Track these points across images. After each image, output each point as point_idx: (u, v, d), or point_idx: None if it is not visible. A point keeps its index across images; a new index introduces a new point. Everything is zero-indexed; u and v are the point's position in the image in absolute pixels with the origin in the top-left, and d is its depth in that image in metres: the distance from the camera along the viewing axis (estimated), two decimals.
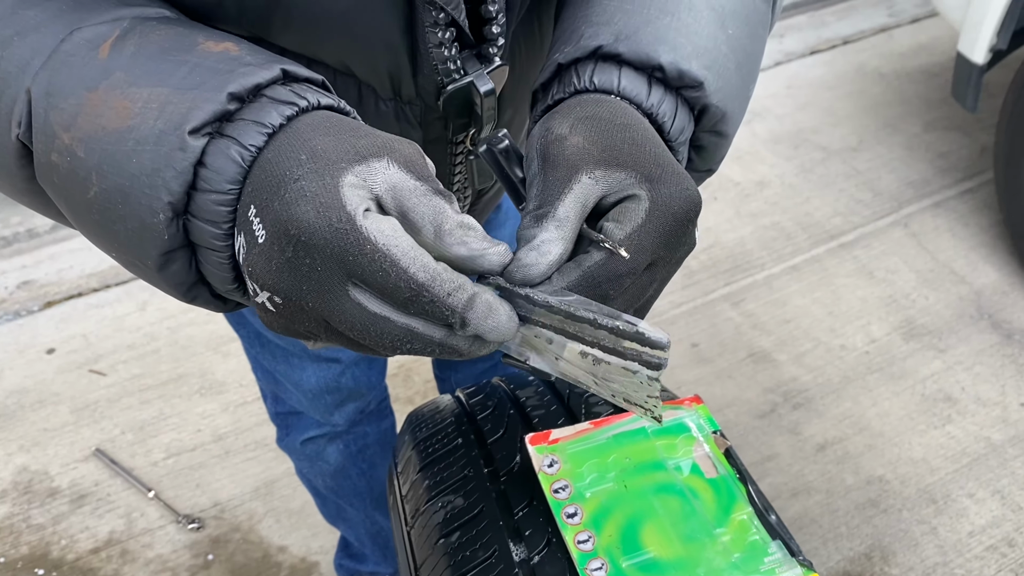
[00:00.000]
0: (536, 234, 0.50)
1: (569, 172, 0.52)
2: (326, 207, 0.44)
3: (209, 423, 2.03)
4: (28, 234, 2.54)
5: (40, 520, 1.85)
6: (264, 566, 1.76)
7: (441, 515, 0.79)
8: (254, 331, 1.12)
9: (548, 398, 0.89)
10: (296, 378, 1.16)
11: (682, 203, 0.52)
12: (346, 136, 0.47)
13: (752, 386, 2.08)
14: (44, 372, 2.16)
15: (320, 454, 1.32)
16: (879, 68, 3.16)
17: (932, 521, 1.80)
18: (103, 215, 0.49)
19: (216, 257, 0.49)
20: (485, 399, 0.91)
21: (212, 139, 0.47)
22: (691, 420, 0.79)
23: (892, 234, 2.48)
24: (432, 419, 0.91)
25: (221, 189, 0.47)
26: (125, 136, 0.47)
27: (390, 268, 0.44)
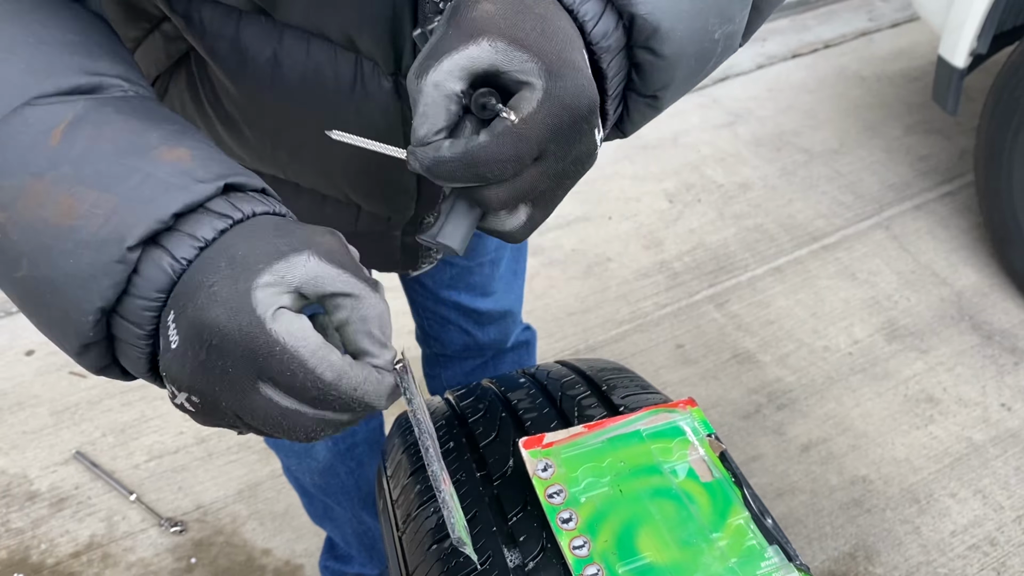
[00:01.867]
0: (416, 95, 0.51)
1: (469, 33, 0.50)
2: (236, 311, 0.46)
3: (192, 425, 2.01)
4: None
5: (19, 524, 1.82)
6: (248, 569, 1.74)
7: (433, 520, 0.77)
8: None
9: (540, 400, 0.88)
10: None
11: (576, 97, 0.51)
12: (269, 238, 0.49)
13: (736, 387, 2.09)
14: (23, 374, 2.13)
15: (308, 450, 1.31)
16: (860, 72, 3.18)
17: (915, 520, 1.81)
18: (28, 297, 0.50)
19: (135, 352, 0.50)
20: (476, 401, 0.89)
21: (146, 248, 0.48)
22: (685, 423, 0.78)
23: (874, 236, 2.50)
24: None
25: (149, 296, 0.48)
26: (66, 235, 0.48)
27: (298, 369, 0.46)
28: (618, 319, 2.26)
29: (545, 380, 0.90)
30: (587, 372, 0.91)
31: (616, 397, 0.85)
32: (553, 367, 0.94)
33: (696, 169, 2.77)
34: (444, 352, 1.36)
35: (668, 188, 2.70)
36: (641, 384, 0.89)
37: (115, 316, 0.49)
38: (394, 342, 1.69)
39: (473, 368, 1.39)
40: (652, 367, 2.13)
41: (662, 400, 0.85)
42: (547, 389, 0.89)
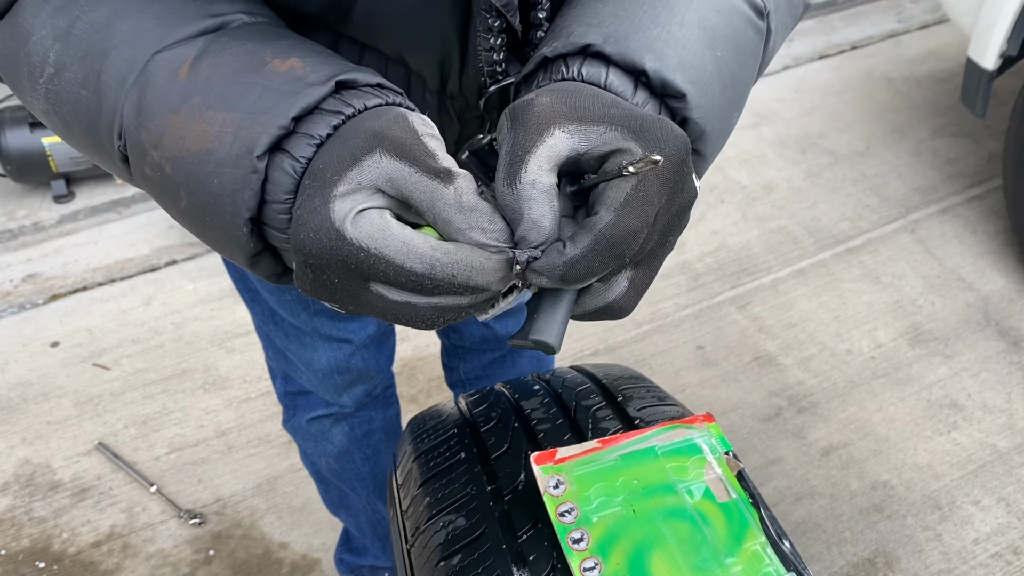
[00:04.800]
0: (518, 204, 0.50)
1: (539, 127, 0.51)
2: (317, 230, 0.48)
3: (212, 418, 2.02)
4: (34, 227, 2.54)
5: (42, 513, 1.84)
6: (265, 563, 1.75)
7: (442, 535, 0.76)
8: (268, 309, 1.13)
9: (554, 411, 0.86)
10: (307, 357, 1.17)
11: (674, 145, 0.51)
12: (346, 142, 0.50)
13: (757, 389, 2.07)
14: (48, 365, 2.15)
15: (325, 434, 1.33)
16: (887, 73, 3.15)
17: (937, 527, 1.79)
18: (195, 223, 0.54)
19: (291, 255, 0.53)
20: (489, 409, 0.88)
21: (272, 154, 0.51)
22: (703, 440, 0.76)
23: (899, 240, 2.47)
24: (434, 430, 0.88)
25: (279, 199, 0.51)
26: (206, 158, 0.51)
27: (387, 267, 0.48)
28: (638, 319, 2.25)
29: (560, 388, 0.89)
30: (603, 381, 0.89)
31: (632, 409, 0.83)
32: (569, 374, 0.92)
33: (720, 170, 2.75)
34: (463, 344, 1.37)
35: None
36: (658, 395, 0.87)
37: (264, 227, 0.52)
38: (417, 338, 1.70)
39: (491, 361, 1.40)
40: (672, 368, 2.12)
41: (679, 413, 0.84)
42: (561, 398, 0.88)
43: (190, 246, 2.48)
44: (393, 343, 1.28)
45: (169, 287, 2.36)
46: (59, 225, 2.56)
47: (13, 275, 2.41)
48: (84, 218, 2.58)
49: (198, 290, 2.35)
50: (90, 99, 0.54)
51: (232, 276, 1.15)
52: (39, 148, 2.46)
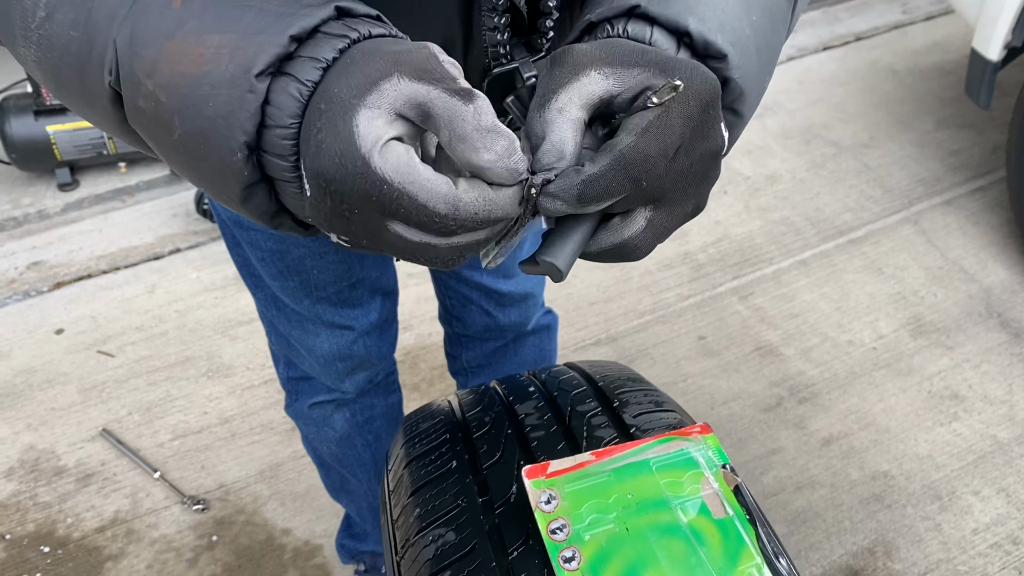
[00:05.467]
0: (542, 128, 0.51)
1: (575, 68, 0.51)
2: (341, 155, 0.47)
3: (216, 406, 2.03)
4: (39, 215, 2.55)
5: (46, 498, 1.86)
6: (268, 548, 1.76)
7: (431, 550, 0.74)
8: (271, 295, 1.14)
9: (548, 416, 0.84)
10: (309, 344, 1.18)
11: (703, 85, 0.51)
12: (361, 66, 0.49)
13: (758, 380, 2.08)
14: (53, 352, 2.17)
15: (327, 420, 1.33)
16: (892, 65, 3.14)
17: (936, 518, 1.80)
18: (188, 155, 0.52)
19: (290, 188, 0.51)
20: (482, 412, 0.86)
21: (274, 78, 0.49)
22: (699, 453, 0.73)
23: (902, 231, 2.47)
24: (426, 434, 0.87)
25: (284, 124, 0.49)
26: (201, 81, 0.50)
27: (410, 206, 0.47)
28: (640, 309, 2.26)
29: (555, 390, 0.88)
30: (600, 383, 0.88)
31: (628, 416, 0.82)
32: (565, 374, 0.91)
33: (723, 160, 2.75)
34: (466, 332, 1.37)
35: None
36: (655, 399, 0.86)
37: (263, 155, 0.51)
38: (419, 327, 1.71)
39: (494, 350, 1.40)
40: (673, 358, 2.13)
41: (676, 421, 0.82)
42: (556, 402, 0.86)
43: (194, 234, 2.49)
44: (395, 331, 1.29)
45: (173, 275, 2.37)
46: (64, 213, 2.56)
47: (18, 262, 2.42)
48: (88, 206, 2.59)
49: (202, 278, 2.36)
50: (80, 40, 0.53)
51: (236, 261, 1.15)
52: (44, 136, 2.47)
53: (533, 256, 0.54)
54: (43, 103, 2.45)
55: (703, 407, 2.01)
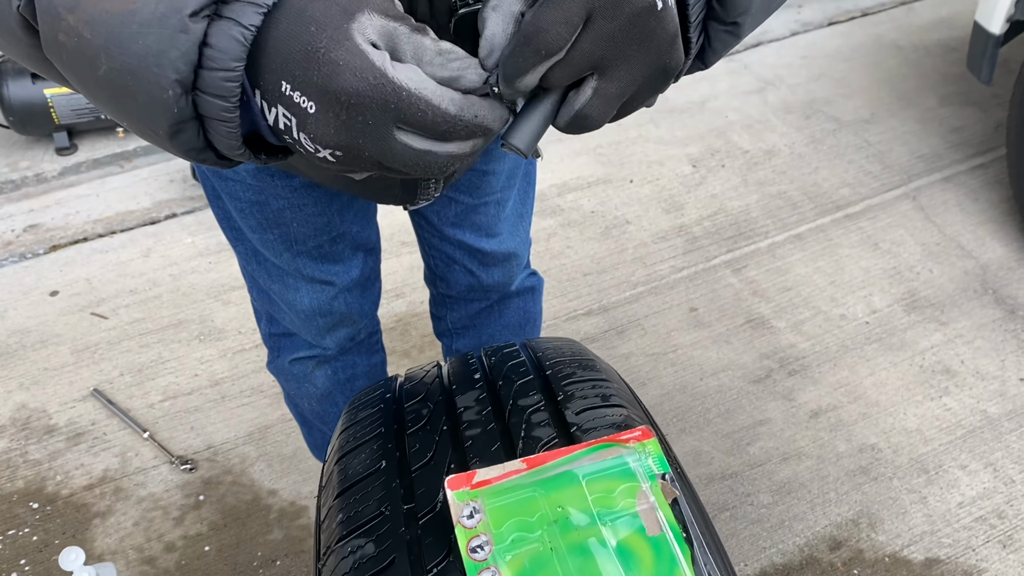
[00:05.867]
0: (481, 26, 0.56)
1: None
2: (360, 70, 0.51)
3: (207, 368, 2.04)
4: (36, 179, 2.56)
5: (37, 456, 1.87)
6: (254, 508, 1.78)
7: (349, 562, 0.71)
8: (252, 248, 1.14)
9: (487, 412, 0.80)
10: (290, 298, 1.18)
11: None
12: (328, 2, 0.52)
13: (748, 351, 2.07)
14: (47, 314, 2.18)
15: (308, 376, 1.34)
16: (897, 41, 3.11)
17: (922, 491, 1.80)
18: (114, 91, 0.52)
19: (225, 128, 0.53)
20: (421, 404, 0.83)
21: (212, 21, 0.50)
22: (637, 462, 0.69)
23: (900, 207, 2.46)
24: (362, 426, 0.83)
25: (228, 67, 0.50)
26: (128, 20, 0.50)
27: (426, 108, 0.52)
28: (633, 281, 2.25)
29: (501, 379, 0.84)
30: (548, 371, 0.85)
31: (571, 412, 0.79)
32: (515, 358, 0.88)
33: (722, 135, 2.73)
34: (450, 293, 1.37)
35: (692, 153, 2.67)
36: (603, 392, 0.82)
37: (197, 94, 0.51)
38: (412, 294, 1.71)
39: (478, 311, 1.40)
40: (664, 329, 2.12)
41: (620, 420, 0.78)
42: (499, 394, 0.82)
43: (190, 200, 2.50)
44: (378, 289, 1.29)
45: (168, 240, 2.38)
46: (61, 177, 2.57)
47: (15, 225, 2.43)
48: (86, 170, 2.59)
49: (196, 243, 2.36)
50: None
51: (216, 215, 1.15)
52: (41, 100, 2.47)
53: (500, 139, 0.59)
54: None
55: (692, 378, 2.01)
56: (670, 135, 2.74)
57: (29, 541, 1.72)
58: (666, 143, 2.71)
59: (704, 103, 2.87)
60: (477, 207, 1.18)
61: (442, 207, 1.18)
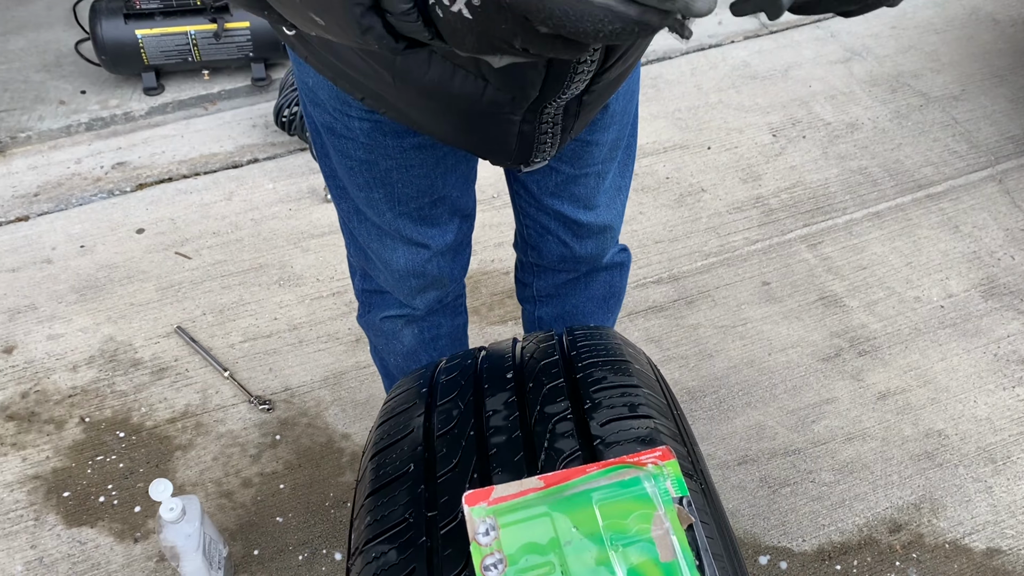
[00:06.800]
0: None
1: None
2: None
3: (285, 312, 2.11)
4: (124, 117, 2.63)
5: (123, 387, 1.97)
6: (327, 451, 1.85)
7: (372, 568, 0.72)
8: (354, 206, 1.18)
9: (514, 417, 0.80)
10: (387, 257, 1.22)
11: None
12: None
13: (819, 329, 2.07)
14: (133, 250, 2.26)
15: (396, 333, 1.39)
16: (994, 14, 3.00)
17: (988, 480, 1.79)
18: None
19: (403, 5, 0.51)
20: (452, 405, 0.83)
21: None
22: (654, 485, 0.68)
23: (984, 189, 2.40)
24: (395, 427, 0.84)
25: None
26: None
27: None
28: (705, 251, 2.25)
29: (532, 381, 0.83)
30: (579, 375, 0.83)
31: (596, 423, 0.78)
32: (549, 356, 0.86)
33: (804, 104, 2.69)
34: (540, 262, 1.39)
35: (773, 122, 2.64)
36: (631, 401, 0.81)
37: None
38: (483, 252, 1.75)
39: (566, 281, 1.42)
40: (735, 302, 2.12)
41: (646, 434, 0.77)
42: (527, 399, 0.81)
43: (271, 146, 2.55)
44: (468, 255, 1.32)
45: (250, 184, 2.44)
46: (148, 116, 2.64)
47: (104, 162, 2.51)
48: (172, 111, 2.66)
49: (277, 189, 2.42)
50: None
51: (323, 171, 1.19)
52: (133, 40, 2.52)
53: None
54: (133, 6, 2.50)
55: (761, 352, 2.02)
56: (751, 102, 2.70)
57: (116, 468, 1.82)
58: (747, 110, 2.67)
59: (787, 71, 2.81)
60: (578, 178, 1.19)
61: (543, 176, 1.20)
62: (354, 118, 1.03)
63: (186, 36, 2.55)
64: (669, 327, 2.08)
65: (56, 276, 2.20)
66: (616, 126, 1.16)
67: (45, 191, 2.43)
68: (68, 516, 1.74)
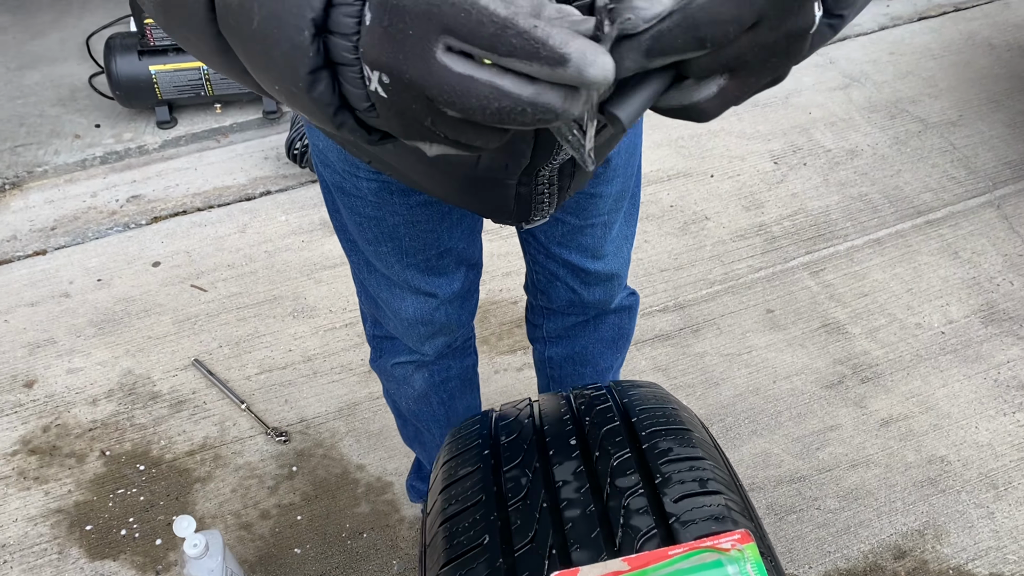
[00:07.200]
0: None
1: None
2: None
3: (300, 344, 2.15)
4: (139, 150, 2.68)
5: (142, 420, 2.01)
6: (343, 482, 1.89)
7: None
8: (364, 259, 1.23)
9: (585, 489, 0.80)
10: (396, 306, 1.26)
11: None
12: None
13: (822, 356, 2.11)
14: (150, 284, 2.31)
15: (407, 379, 1.44)
16: (990, 39, 3.05)
17: (990, 506, 1.83)
18: (263, 43, 0.55)
19: (350, 73, 0.53)
20: (520, 471, 0.84)
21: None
22: (736, 569, 0.69)
23: (983, 215, 2.45)
24: (463, 490, 0.85)
25: (348, 1, 0.52)
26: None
27: (471, 7, 0.46)
28: (710, 279, 2.30)
29: (597, 449, 0.84)
30: (645, 446, 0.84)
31: (669, 499, 0.79)
32: (610, 422, 0.87)
33: (805, 131, 2.74)
34: (549, 306, 1.44)
35: (774, 149, 2.69)
36: (702, 475, 0.82)
37: (328, 37, 0.53)
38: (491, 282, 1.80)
39: (575, 324, 1.47)
40: (740, 330, 2.17)
41: (720, 511, 0.78)
42: (596, 470, 0.82)
43: (283, 178, 2.60)
44: (476, 300, 1.36)
45: (263, 216, 2.49)
46: (162, 149, 2.69)
47: (119, 195, 2.56)
48: (185, 144, 2.71)
49: (290, 221, 2.47)
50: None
51: (335, 226, 1.24)
52: (146, 75, 2.58)
53: (601, 105, 0.54)
54: (147, 43, 2.56)
55: (766, 380, 2.06)
56: (752, 129, 2.75)
57: (136, 501, 1.86)
58: (748, 137, 2.72)
59: (788, 98, 2.87)
60: (584, 228, 1.24)
61: (550, 227, 1.25)
62: (362, 179, 1.08)
63: (199, 71, 2.60)
64: (676, 356, 2.12)
65: (74, 310, 2.25)
66: (620, 179, 1.20)
67: (62, 225, 2.48)
68: (91, 550, 1.78)
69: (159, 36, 2.55)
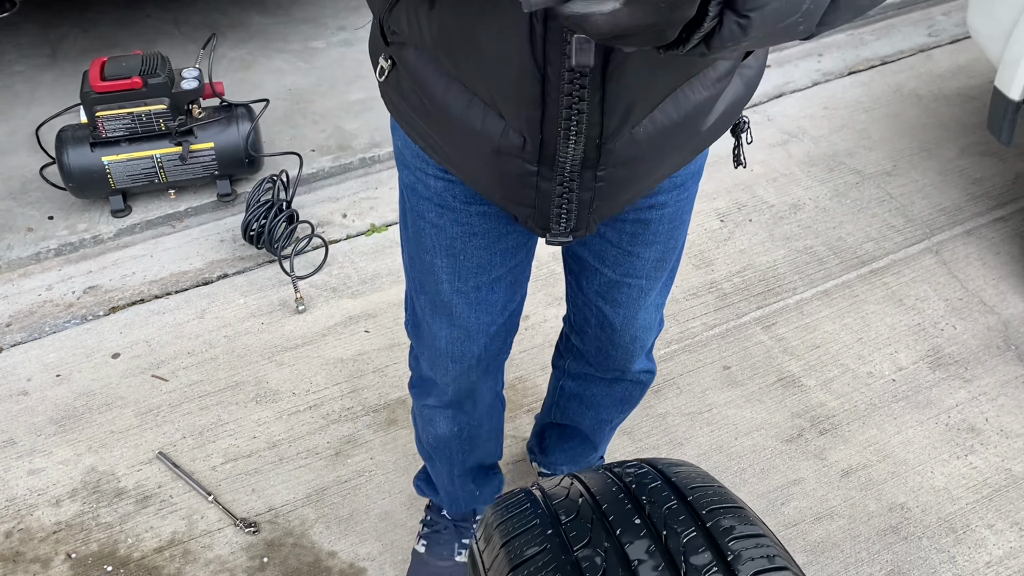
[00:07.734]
0: None
1: None
2: None
3: (264, 430, 2.15)
4: (93, 240, 2.68)
5: (108, 519, 1.99)
6: (315, 570, 1.88)
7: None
8: (419, 279, 1.31)
9: (662, 568, 0.80)
10: (434, 332, 1.34)
11: None
12: None
13: (780, 410, 2.17)
14: (110, 376, 2.30)
15: (432, 420, 1.55)
16: (916, 90, 3.20)
17: (951, 550, 1.88)
18: None
19: None
20: (592, 551, 0.83)
21: None
22: None
23: (923, 261, 2.54)
24: (535, 570, 0.84)
25: None
26: None
27: None
28: (667, 339, 2.35)
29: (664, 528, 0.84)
30: (709, 524, 0.85)
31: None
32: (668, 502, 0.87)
33: (748, 188, 2.83)
34: (580, 346, 1.53)
35: (720, 207, 2.77)
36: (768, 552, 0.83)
37: None
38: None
39: (592, 375, 1.58)
40: (700, 388, 2.22)
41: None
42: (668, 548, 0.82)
43: (240, 260, 2.61)
44: (508, 351, 1.44)
45: (221, 300, 2.49)
46: (117, 238, 2.69)
47: (75, 287, 2.55)
48: (140, 231, 2.71)
49: (248, 304, 2.48)
50: None
51: (402, 239, 1.32)
52: (99, 166, 2.59)
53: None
54: (99, 135, 2.57)
55: (728, 437, 2.10)
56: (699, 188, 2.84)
57: None
58: None
59: (730, 155, 2.96)
60: (619, 284, 1.30)
61: (590, 276, 1.32)
62: (430, 176, 1.16)
63: (152, 160, 2.62)
64: (639, 418, 2.16)
65: (33, 408, 2.22)
66: (660, 245, 1.26)
67: (17, 320, 2.46)
68: None
69: (111, 127, 2.57)
